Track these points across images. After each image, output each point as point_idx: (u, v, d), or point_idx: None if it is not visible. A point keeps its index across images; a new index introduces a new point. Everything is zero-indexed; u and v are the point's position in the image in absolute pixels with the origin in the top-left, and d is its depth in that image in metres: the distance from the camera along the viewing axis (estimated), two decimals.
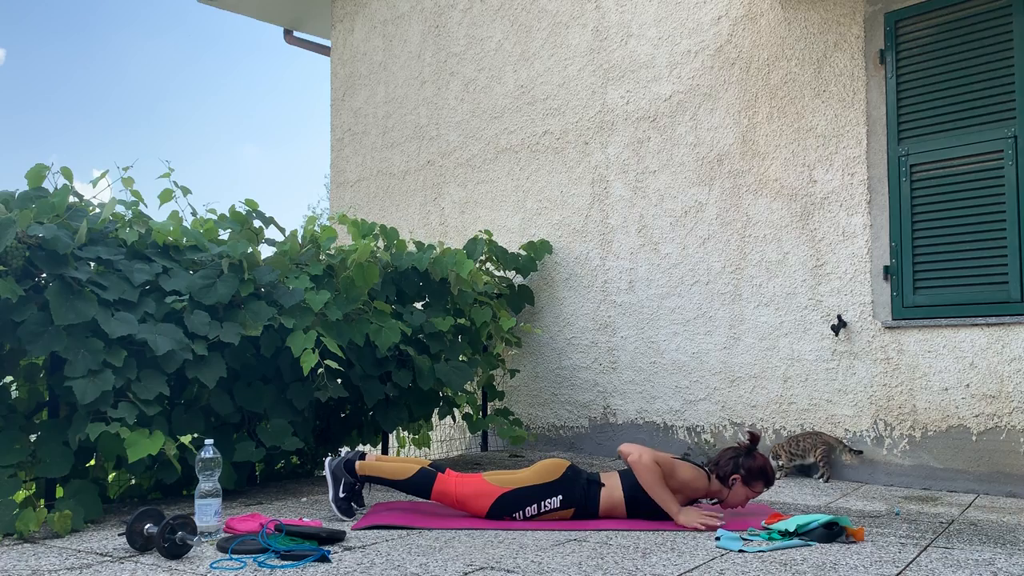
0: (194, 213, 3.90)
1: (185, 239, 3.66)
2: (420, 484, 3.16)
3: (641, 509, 3.14)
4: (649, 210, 5.10)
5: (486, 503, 3.10)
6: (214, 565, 2.43)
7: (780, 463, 4.32)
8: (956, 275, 4.03)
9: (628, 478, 3.18)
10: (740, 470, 3.16)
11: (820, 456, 4.21)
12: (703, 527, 2.97)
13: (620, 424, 5.16)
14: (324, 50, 7.93)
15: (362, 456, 3.25)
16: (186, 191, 3.82)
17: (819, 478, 4.25)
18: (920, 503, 3.64)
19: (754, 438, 3.22)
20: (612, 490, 3.17)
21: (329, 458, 3.26)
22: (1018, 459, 3.84)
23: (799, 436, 4.33)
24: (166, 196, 3.75)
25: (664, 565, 2.45)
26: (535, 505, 3.10)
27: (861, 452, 4.26)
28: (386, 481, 3.19)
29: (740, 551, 2.64)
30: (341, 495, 3.17)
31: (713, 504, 3.29)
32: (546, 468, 3.17)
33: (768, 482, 3.19)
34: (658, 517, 3.12)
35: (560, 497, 3.12)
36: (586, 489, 3.16)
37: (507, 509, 3.10)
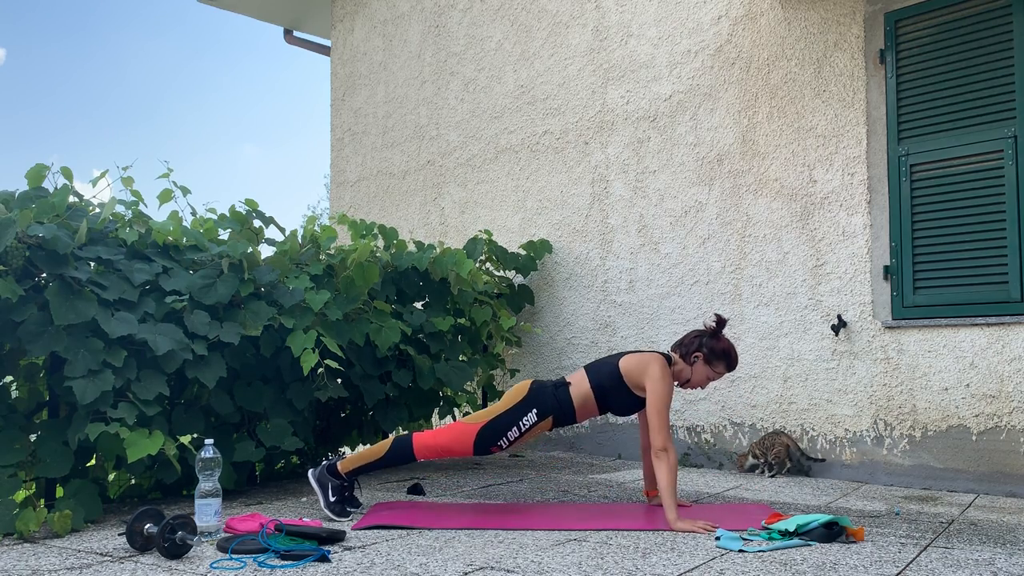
0: (194, 213, 3.90)
1: (185, 239, 3.66)
2: (400, 452, 3.22)
3: (611, 401, 3.24)
4: (649, 210, 5.10)
5: (468, 442, 3.17)
6: (214, 565, 2.43)
7: (751, 461, 4.43)
8: (956, 275, 4.03)
9: (593, 371, 3.27)
10: (703, 349, 3.27)
11: (774, 456, 4.31)
12: (701, 530, 2.98)
13: (620, 424, 5.16)
14: (324, 50, 7.93)
15: (341, 459, 3.31)
16: (186, 191, 3.82)
17: (770, 475, 4.33)
18: (920, 503, 3.64)
19: (720, 321, 3.30)
20: (579, 385, 3.26)
21: (311, 470, 3.29)
22: (1018, 459, 3.84)
23: (766, 435, 4.42)
24: (166, 196, 3.75)
25: (664, 565, 2.45)
26: (514, 428, 3.18)
27: (823, 460, 4.32)
28: (370, 467, 3.23)
29: (740, 551, 2.64)
30: (332, 499, 3.19)
31: (676, 385, 3.33)
32: (512, 392, 3.26)
33: (730, 364, 3.30)
34: (628, 411, 3.26)
35: (535, 410, 3.20)
36: (555, 393, 3.24)
37: (490, 440, 3.17)
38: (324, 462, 3.32)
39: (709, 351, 3.27)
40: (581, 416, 3.27)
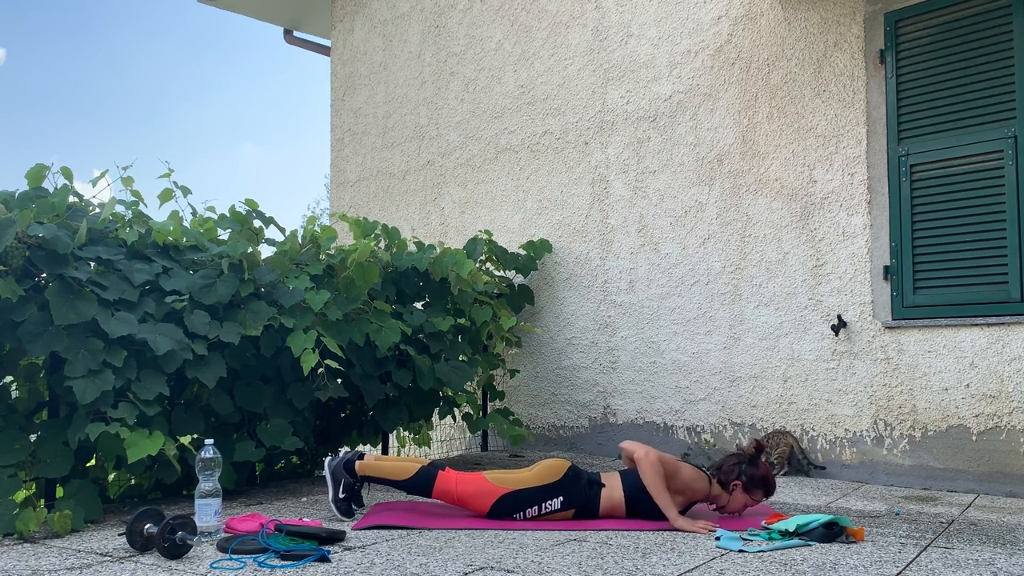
0: (194, 213, 3.90)
1: (185, 239, 3.66)
2: (421, 484, 3.16)
3: (640, 509, 3.15)
4: (649, 210, 5.10)
5: (487, 502, 3.10)
6: (214, 565, 2.43)
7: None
8: (956, 275, 4.03)
9: (628, 478, 3.19)
10: (742, 477, 3.18)
11: (777, 455, 4.34)
12: (701, 529, 2.97)
13: (620, 424, 5.16)
14: (324, 50, 7.93)
15: (361, 456, 3.25)
16: (186, 191, 3.82)
17: (775, 474, 4.33)
18: (920, 503, 3.64)
19: (759, 446, 3.24)
20: (612, 490, 3.18)
21: (329, 458, 3.26)
22: (1018, 459, 3.84)
23: (769, 434, 4.43)
24: (166, 196, 3.75)
25: (664, 565, 2.45)
26: (536, 507, 3.12)
27: (823, 468, 4.33)
28: (386, 481, 3.19)
29: (740, 551, 2.64)
30: (341, 495, 3.17)
31: (712, 509, 3.29)
32: (548, 469, 3.17)
33: (768, 492, 3.22)
34: (657, 517, 3.13)
35: (561, 499, 3.13)
36: (587, 490, 3.17)
37: (509, 509, 3.11)
38: (345, 455, 3.25)
39: (749, 479, 3.19)
40: (604, 515, 3.19)
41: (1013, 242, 3.87)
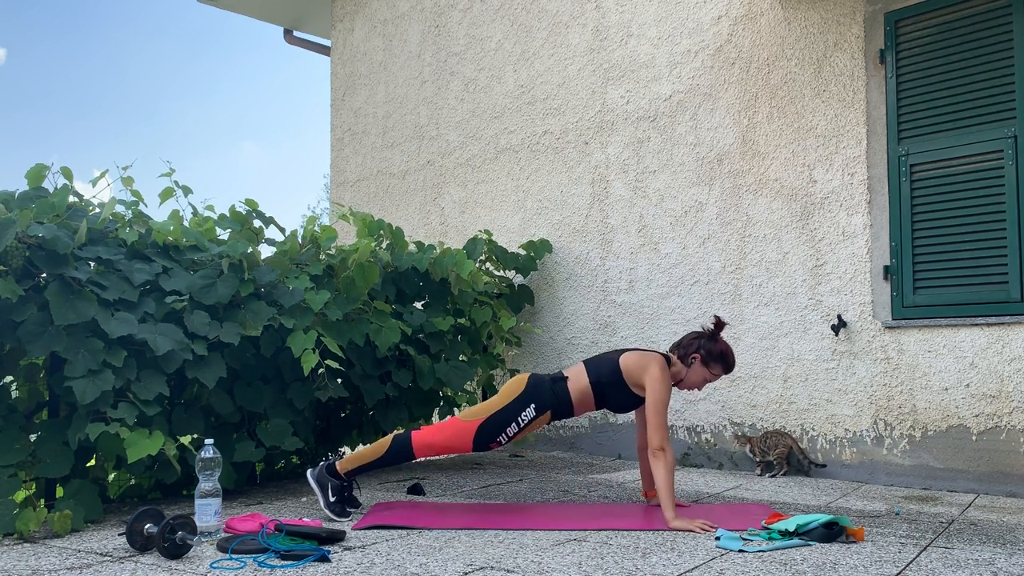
0: (194, 212, 3.90)
1: (185, 239, 3.66)
2: (400, 450, 3.22)
3: (608, 397, 3.26)
4: (649, 210, 5.10)
5: (468, 439, 3.19)
6: (214, 565, 2.44)
7: (757, 459, 4.44)
8: (956, 275, 4.03)
9: (592, 365, 3.29)
10: (701, 350, 3.29)
11: (776, 455, 4.33)
12: (699, 529, 2.98)
13: (620, 424, 5.16)
14: (324, 50, 7.93)
15: (340, 459, 3.31)
16: (187, 190, 3.82)
17: (771, 476, 4.35)
18: (920, 503, 3.64)
19: (719, 323, 3.32)
20: (577, 380, 3.28)
21: (310, 470, 3.30)
22: (1018, 459, 3.84)
23: (769, 433, 4.43)
24: (167, 194, 3.75)
25: (664, 565, 2.45)
26: (513, 423, 3.20)
27: (824, 465, 4.33)
28: (369, 466, 3.24)
29: (740, 551, 2.64)
30: (332, 499, 3.20)
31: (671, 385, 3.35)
32: (510, 386, 3.28)
33: (727, 367, 3.32)
34: (623, 408, 3.28)
35: (533, 405, 3.22)
36: (552, 388, 3.26)
37: (489, 436, 3.19)
38: (323, 462, 3.32)
39: (707, 353, 3.29)
40: (579, 410, 3.30)
41: (1013, 242, 3.87)
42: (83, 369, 3.02)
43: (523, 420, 3.21)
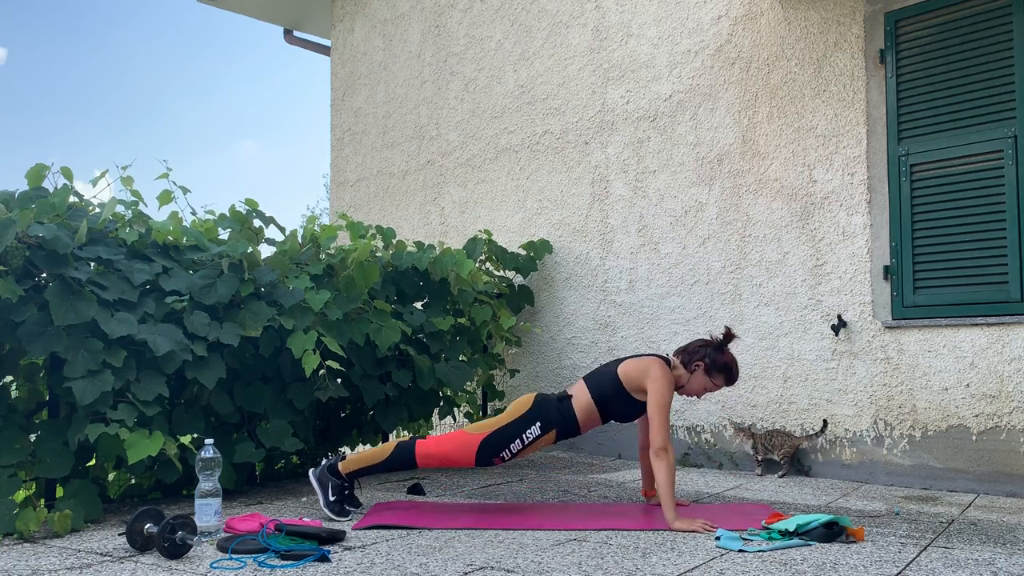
0: (194, 213, 3.90)
1: (185, 239, 3.66)
2: (403, 457, 3.21)
3: (612, 408, 3.25)
4: (649, 210, 5.10)
5: (471, 452, 3.17)
6: (214, 565, 2.43)
7: (758, 457, 4.45)
8: (956, 275, 4.03)
9: (592, 380, 3.27)
10: (706, 359, 3.26)
11: (782, 455, 4.33)
12: (700, 529, 2.98)
13: (620, 424, 5.16)
14: (324, 50, 7.93)
15: (343, 458, 3.30)
16: (186, 191, 3.81)
17: (781, 475, 4.36)
18: (920, 503, 3.64)
19: (728, 335, 3.30)
20: (580, 397, 3.26)
21: (312, 469, 3.29)
22: (1018, 459, 3.84)
23: (773, 432, 4.43)
24: (166, 198, 3.74)
25: (664, 565, 2.45)
26: (517, 440, 3.19)
27: (824, 428, 4.34)
28: (371, 469, 3.23)
29: (740, 551, 2.64)
30: (331, 498, 3.19)
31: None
32: (517, 404, 3.26)
33: (729, 379, 3.30)
34: (628, 419, 3.26)
35: (538, 424, 3.20)
36: (558, 407, 3.24)
37: (492, 452, 3.18)
38: (325, 461, 3.31)
39: (711, 362, 3.26)
40: (585, 428, 3.27)
41: (1013, 242, 3.87)
42: (83, 369, 3.02)
43: (528, 437, 3.19)
